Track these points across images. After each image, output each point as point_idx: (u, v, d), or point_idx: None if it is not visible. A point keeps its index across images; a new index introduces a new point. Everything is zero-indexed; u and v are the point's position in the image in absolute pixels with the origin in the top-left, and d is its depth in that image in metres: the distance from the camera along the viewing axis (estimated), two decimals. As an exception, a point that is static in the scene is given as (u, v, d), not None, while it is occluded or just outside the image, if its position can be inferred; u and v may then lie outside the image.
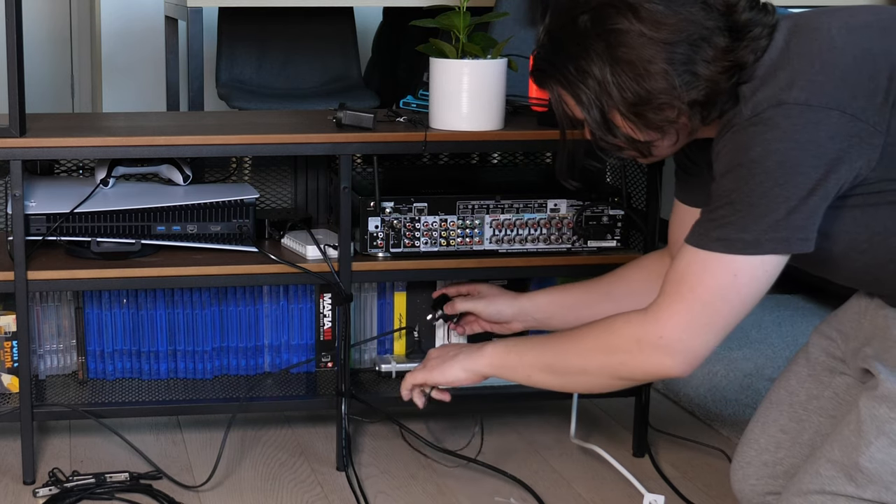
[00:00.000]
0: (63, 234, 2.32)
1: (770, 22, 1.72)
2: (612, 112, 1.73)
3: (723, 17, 1.69)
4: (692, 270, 1.70)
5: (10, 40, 2.18)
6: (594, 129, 1.76)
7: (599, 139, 1.78)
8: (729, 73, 1.69)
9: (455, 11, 2.30)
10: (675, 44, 1.67)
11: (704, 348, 1.72)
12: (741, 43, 1.69)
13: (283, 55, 4.39)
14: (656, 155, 1.81)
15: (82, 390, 2.43)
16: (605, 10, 1.70)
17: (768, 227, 1.64)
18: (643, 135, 1.74)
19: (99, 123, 2.65)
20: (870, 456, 1.70)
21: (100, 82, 4.88)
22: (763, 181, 1.63)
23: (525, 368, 1.91)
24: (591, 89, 1.72)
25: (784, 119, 1.62)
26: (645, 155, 1.80)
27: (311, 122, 2.46)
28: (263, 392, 2.43)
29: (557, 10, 1.77)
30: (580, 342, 1.84)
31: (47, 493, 2.25)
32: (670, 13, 1.67)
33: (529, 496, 2.31)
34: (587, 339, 1.83)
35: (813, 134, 1.61)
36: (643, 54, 1.67)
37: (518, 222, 2.39)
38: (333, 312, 2.51)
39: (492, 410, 2.69)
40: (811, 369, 1.96)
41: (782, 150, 1.62)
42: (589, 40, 1.71)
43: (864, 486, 1.70)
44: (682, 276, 1.72)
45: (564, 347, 1.86)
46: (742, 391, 2.83)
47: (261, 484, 2.34)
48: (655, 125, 1.72)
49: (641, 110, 1.71)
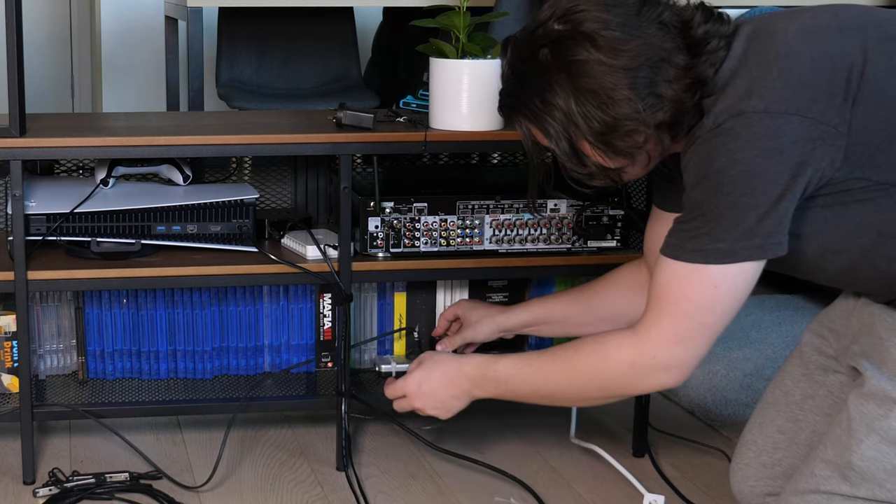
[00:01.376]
0: (63, 234, 2.32)
1: (726, 32, 1.73)
2: (581, 142, 1.74)
3: (680, 35, 1.70)
4: (673, 284, 1.73)
5: (10, 40, 2.18)
6: (564, 161, 1.77)
7: (570, 170, 1.79)
8: (692, 91, 1.70)
9: (455, 11, 2.30)
10: (636, 69, 1.67)
11: (695, 358, 1.77)
12: (700, 58, 1.70)
13: (283, 55, 4.39)
14: (628, 178, 1.82)
15: (82, 390, 2.43)
16: (564, 42, 1.70)
17: (741, 235, 1.66)
18: (613, 162, 1.75)
19: (99, 123, 2.65)
20: (861, 454, 1.70)
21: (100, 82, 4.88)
22: (730, 191, 1.64)
23: (521, 398, 1.97)
24: (558, 121, 1.73)
25: (745, 128, 1.63)
26: (616, 181, 1.81)
27: (311, 122, 2.46)
28: (263, 392, 2.43)
29: (518, 44, 1.78)
30: (574, 373, 1.88)
31: (47, 493, 2.25)
32: (627, 38, 1.68)
33: (529, 496, 2.31)
34: (580, 369, 1.87)
35: (775, 141, 1.62)
36: (605, 82, 1.68)
37: (518, 222, 2.39)
38: (333, 312, 2.51)
39: (492, 410, 2.69)
40: (805, 369, 1.97)
41: (746, 160, 1.63)
42: (551, 73, 1.71)
43: (858, 484, 1.71)
44: (664, 290, 1.74)
45: (558, 380, 1.90)
46: (742, 391, 2.83)
47: (261, 484, 2.34)
48: (624, 151, 1.73)
49: (609, 138, 1.71)
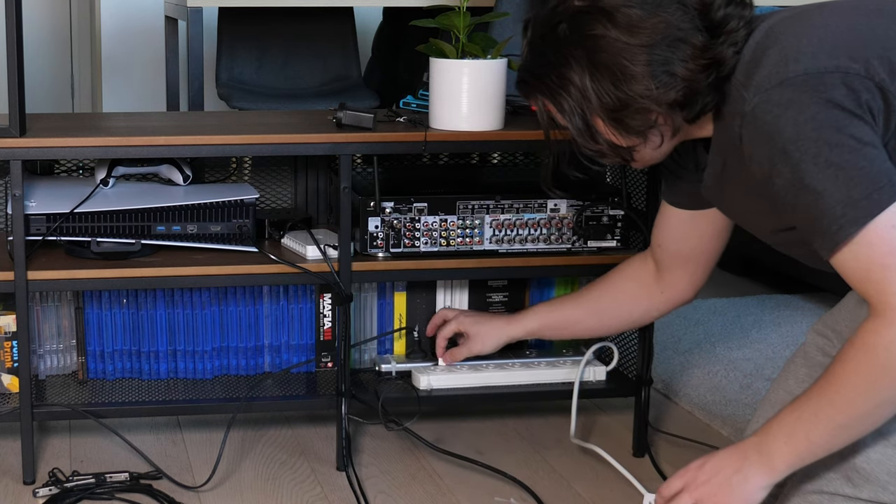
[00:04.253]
0: (63, 234, 2.32)
1: (747, 15, 1.73)
2: (594, 118, 1.74)
3: (699, 16, 1.70)
4: (864, 259, 1.61)
5: (10, 40, 2.18)
6: (577, 137, 1.77)
7: (582, 146, 1.79)
8: (707, 71, 1.69)
9: (455, 11, 2.30)
10: (652, 46, 1.67)
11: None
12: (718, 39, 1.70)
13: (283, 55, 4.39)
14: (640, 160, 1.82)
15: (82, 390, 2.43)
16: (582, 17, 1.71)
17: (863, 180, 1.58)
18: (625, 140, 1.75)
19: (99, 123, 2.65)
20: (866, 457, 1.70)
21: (100, 82, 4.88)
22: (818, 150, 1.59)
23: (821, 451, 1.68)
24: (573, 97, 1.73)
25: (793, 93, 1.61)
26: (628, 160, 1.80)
27: (311, 122, 2.45)
28: (263, 392, 2.43)
29: (539, 20, 1.79)
30: (856, 384, 1.63)
31: (47, 493, 2.25)
32: (646, 16, 1.68)
33: (529, 496, 2.30)
34: (861, 377, 1.62)
35: (827, 95, 1.59)
36: (621, 59, 1.68)
37: (518, 222, 2.39)
38: (333, 312, 2.51)
39: (492, 410, 2.69)
40: (809, 368, 1.96)
41: (811, 118, 1.59)
42: (568, 48, 1.72)
43: (861, 486, 1.71)
44: (865, 270, 1.61)
45: (842, 402, 1.64)
46: (742, 391, 2.83)
47: (261, 484, 2.34)
48: (636, 130, 1.73)
49: (621, 115, 1.71)
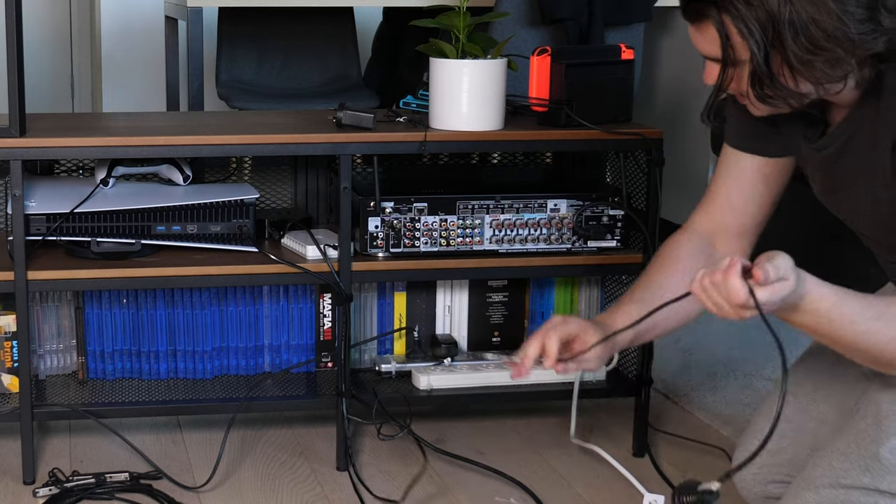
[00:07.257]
0: (63, 234, 2.32)
1: None
2: (775, 54, 1.59)
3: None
4: None
5: (10, 40, 2.18)
6: (752, 70, 1.61)
7: (755, 81, 1.62)
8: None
9: (455, 11, 2.30)
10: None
11: None
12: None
13: (283, 55, 4.39)
14: (774, 106, 1.66)
15: (82, 390, 2.43)
16: None
17: None
18: (802, 86, 1.61)
19: (99, 123, 2.65)
20: (891, 447, 1.69)
21: (100, 82, 4.88)
22: None
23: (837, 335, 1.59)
24: (762, 24, 1.57)
25: None
26: (793, 107, 1.65)
27: (311, 122, 2.46)
28: (263, 392, 2.43)
29: None
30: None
31: (47, 493, 2.25)
32: None
33: (529, 496, 2.31)
34: None
35: None
36: None
37: (518, 222, 2.39)
38: (333, 312, 2.51)
39: (492, 410, 2.69)
40: (820, 360, 1.96)
41: None
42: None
43: (881, 476, 1.70)
44: None
45: None
46: (742, 391, 2.83)
47: (261, 484, 2.34)
48: (816, 78, 1.59)
49: (811, 59, 1.57)
